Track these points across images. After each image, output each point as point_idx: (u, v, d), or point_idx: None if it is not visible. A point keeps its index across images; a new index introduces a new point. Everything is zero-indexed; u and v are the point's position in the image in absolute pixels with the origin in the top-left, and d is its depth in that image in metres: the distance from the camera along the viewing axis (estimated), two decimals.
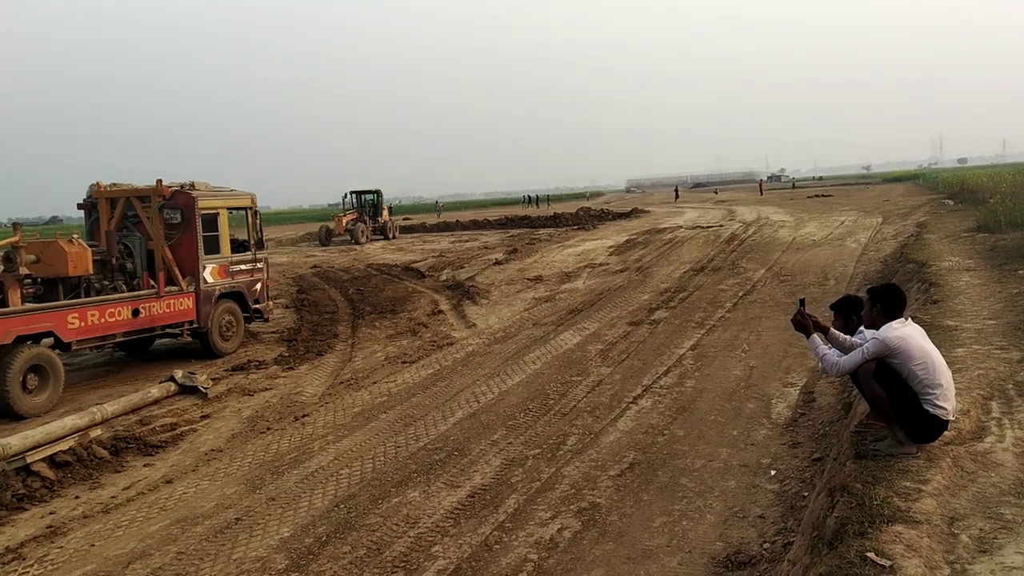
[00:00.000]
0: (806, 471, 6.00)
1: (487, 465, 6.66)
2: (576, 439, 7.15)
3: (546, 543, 5.18)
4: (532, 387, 9.03)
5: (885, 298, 4.98)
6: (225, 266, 12.18)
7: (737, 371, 9.09)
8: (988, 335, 7.75)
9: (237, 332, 12.38)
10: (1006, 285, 10.48)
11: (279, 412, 8.79)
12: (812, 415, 7.35)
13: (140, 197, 11.58)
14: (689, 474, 6.17)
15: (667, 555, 4.92)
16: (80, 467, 7.16)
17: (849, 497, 4.20)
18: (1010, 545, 3.61)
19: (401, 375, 10.10)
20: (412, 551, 5.21)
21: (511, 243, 28.15)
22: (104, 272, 11.03)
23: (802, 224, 28.55)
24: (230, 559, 5.31)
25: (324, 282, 19.80)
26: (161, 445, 7.83)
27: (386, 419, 8.24)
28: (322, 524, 5.73)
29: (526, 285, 17.56)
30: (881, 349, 4.78)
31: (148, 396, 9.23)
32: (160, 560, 5.35)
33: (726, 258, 19.76)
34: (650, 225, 32.99)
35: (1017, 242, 14.28)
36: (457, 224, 44.39)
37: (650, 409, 7.90)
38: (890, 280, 12.86)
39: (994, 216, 18.15)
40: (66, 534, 5.87)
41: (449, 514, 5.74)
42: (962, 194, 33.13)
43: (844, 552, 3.62)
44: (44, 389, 9.25)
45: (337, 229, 36.26)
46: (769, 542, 4.96)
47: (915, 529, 3.75)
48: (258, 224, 13.02)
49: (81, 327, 9.87)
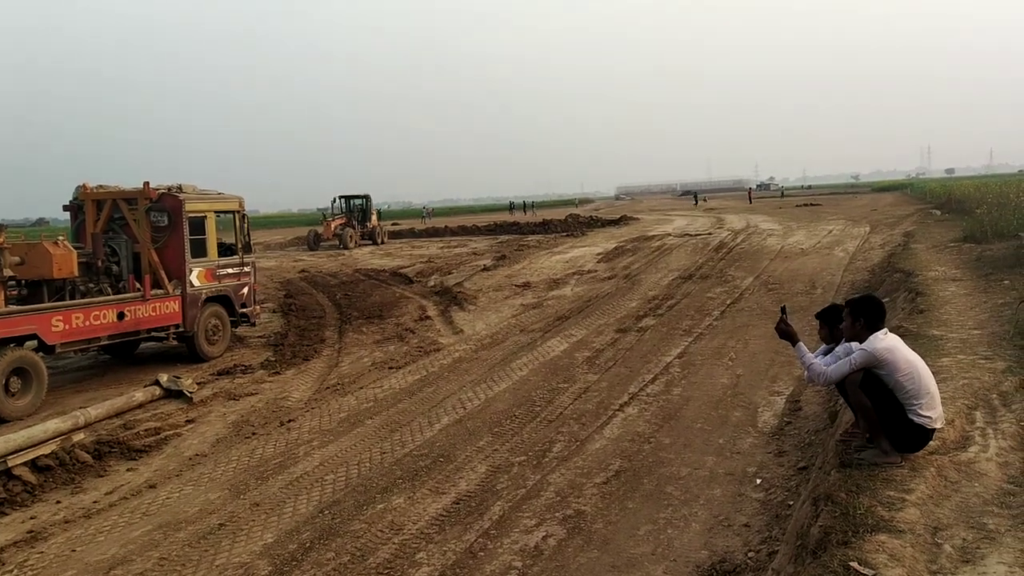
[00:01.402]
0: (792, 480, 6.01)
1: (472, 472, 6.63)
2: (562, 446, 7.13)
3: (531, 551, 5.16)
4: (519, 394, 9.01)
5: (868, 312, 5.02)
6: (212, 270, 12.12)
7: (724, 379, 9.10)
8: (973, 345, 7.78)
9: (223, 336, 12.33)
10: (991, 295, 10.54)
11: (264, 417, 8.74)
12: (798, 424, 7.36)
13: (127, 199, 11.52)
14: (675, 482, 6.17)
15: (652, 563, 4.91)
16: (62, 471, 7.10)
17: (833, 506, 4.20)
18: (993, 555, 3.62)
19: (387, 381, 10.06)
20: (396, 558, 5.18)
21: (500, 249, 28.14)
22: (90, 275, 10.94)
23: (790, 233, 28.68)
24: (213, 565, 5.26)
25: (312, 287, 19.76)
26: (145, 449, 7.77)
27: (372, 425, 8.21)
28: (306, 530, 5.70)
29: (514, 291, 17.55)
30: (869, 360, 4.80)
31: (132, 400, 9.16)
32: (142, 566, 5.30)
33: (714, 266, 19.81)
34: (639, 232, 33.06)
35: (1003, 252, 14.38)
36: (446, 230, 44.43)
37: (636, 417, 7.89)
38: (876, 290, 12.93)
39: (980, 226, 18.30)
40: (47, 539, 5.81)
41: (434, 521, 5.71)
42: (949, 204, 33.36)
43: (827, 561, 3.62)
44: (27, 392, 9.17)
45: (326, 234, 36.16)
46: (754, 551, 4.96)
47: (898, 539, 3.75)
48: (246, 228, 12.99)
49: (65, 330, 9.80)
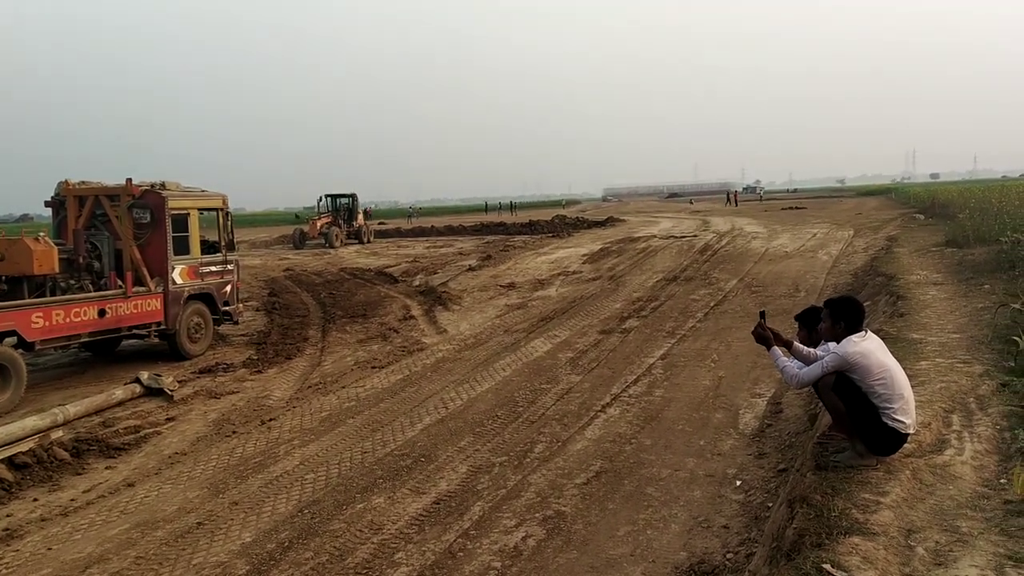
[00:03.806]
0: (771, 482, 6.04)
1: (453, 472, 6.63)
2: (543, 447, 7.14)
3: (510, 551, 5.17)
4: (501, 394, 9.02)
5: (847, 314, 5.02)
6: (195, 267, 12.06)
7: (706, 381, 9.14)
8: (952, 348, 7.85)
9: (205, 334, 12.26)
10: (971, 299, 10.63)
11: (245, 416, 8.70)
12: (779, 426, 7.39)
13: (109, 196, 11.44)
14: (655, 483, 6.19)
15: (631, 564, 4.92)
16: (40, 469, 7.04)
17: (808, 508, 4.23)
18: (965, 558, 3.65)
19: (370, 380, 10.04)
20: (375, 557, 5.17)
21: (485, 249, 28.14)
22: (71, 271, 10.86)
23: (775, 236, 28.80)
24: (190, 564, 5.24)
25: (296, 285, 19.69)
26: (124, 447, 7.72)
27: (353, 424, 8.19)
28: (285, 529, 5.68)
29: (499, 292, 17.55)
30: (840, 363, 4.83)
31: (112, 398, 9.10)
32: (118, 564, 5.26)
33: (699, 268, 19.88)
34: (625, 234, 33.12)
35: (984, 257, 14.51)
36: (432, 229, 44.42)
37: (618, 418, 7.91)
38: (858, 293, 13.01)
39: (963, 231, 18.46)
40: (23, 537, 5.76)
41: (414, 521, 5.71)
42: (933, 209, 33.60)
43: (801, 564, 3.64)
44: (5, 389, 9.07)
45: (311, 232, 36.06)
46: (733, 552, 4.98)
47: (872, 541, 3.78)
48: (229, 225, 12.93)
49: (45, 326, 9.72)
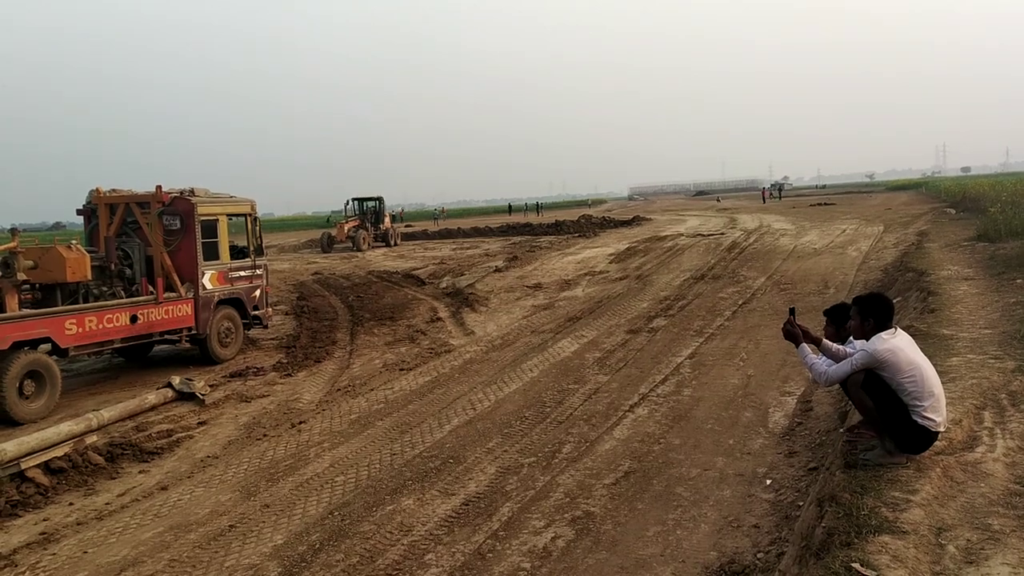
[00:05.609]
0: (802, 480, 5.98)
1: (482, 473, 6.66)
2: (572, 447, 7.14)
3: (539, 552, 5.17)
4: (529, 395, 9.03)
5: (876, 311, 4.96)
6: (224, 272, 12.21)
7: (735, 380, 9.08)
8: (984, 344, 7.74)
9: (236, 339, 12.41)
10: (1003, 294, 10.47)
11: (276, 419, 8.80)
12: (809, 424, 7.33)
13: (139, 203, 11.62)
14: (684, 483, 6.16)
15: (661, 564, 4.91)
16: (75, 473, 7.18)
17: (837, 507, 4.19)
18: (997, 556, 3.60)
19: (398, 382, 10.10)
20: (405, 559, 5.20)
21: (512, 250, 28.16)
22: (103, 278, 11.03)
23: (803, 232, 28.54)
24: (223, 566, 5.30)
25: (324, 289, 19.86)
26: (157, 452, 7.84)
27: (382, 426, 8.25)
28: (316, 531, 5.73)
29: (525, 292, 17.57)
30: (869, 361, 4.78)
31: (145, 402, 9.24)
32: (152, 567, 5.35)
33: (726, 266, 19.76)
34: (651, 233, 33.01)
35: (1016, 251, 14.27)
36: (459, 231, 44.54)
37: (647, 417, 7.89)
38: (888, 289, 12.86)
39: (994, 225, 18.17)
40: (59, 541, 5.87)
41: (443, 522, 5.74)
42: (964, 203, 33.15)
43: (830, 563, 3.62)
44: (41, 395, 9.26)
45: (339, 236, 36.31)
46: (763, 552, 4.94)
47: (902, 540, 3.74)
48: (258, 231, 13.07)
49: (79, 333, 9.90)
